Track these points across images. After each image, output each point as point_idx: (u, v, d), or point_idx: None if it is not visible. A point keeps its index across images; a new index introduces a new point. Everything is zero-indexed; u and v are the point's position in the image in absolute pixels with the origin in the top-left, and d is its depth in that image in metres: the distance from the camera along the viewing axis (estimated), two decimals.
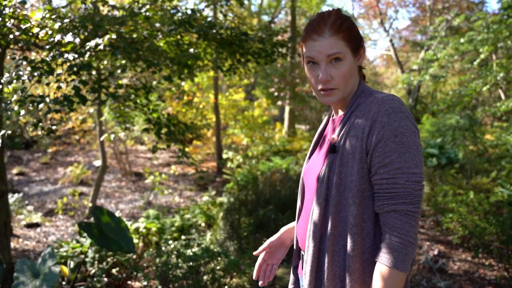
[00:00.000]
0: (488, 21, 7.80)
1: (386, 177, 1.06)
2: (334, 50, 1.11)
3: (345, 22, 1.14)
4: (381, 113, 1.07)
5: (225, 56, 3.50)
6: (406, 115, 1.07)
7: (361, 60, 1.19)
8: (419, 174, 1.06)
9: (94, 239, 2.10)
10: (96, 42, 2.26)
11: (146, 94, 2.92)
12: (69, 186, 8.57)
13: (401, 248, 1.02)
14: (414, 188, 1.05)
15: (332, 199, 1.11)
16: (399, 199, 1.05)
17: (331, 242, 1.11)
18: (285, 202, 4.80)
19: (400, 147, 1.05)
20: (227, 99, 11.20)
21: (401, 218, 1.04)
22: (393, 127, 1.05)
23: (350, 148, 1.10)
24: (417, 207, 1.05)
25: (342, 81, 1.15)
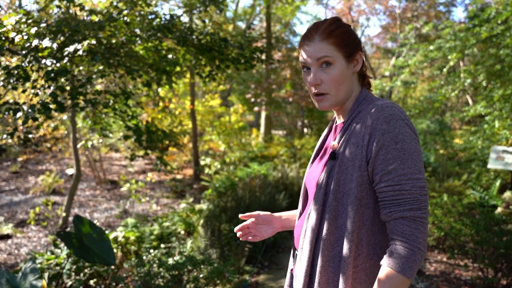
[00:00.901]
0: (455, 29, 8.10)
1: (391, 184, 1.05)
2: (323, 53, 1.13)
3: (339, 29, 1.16)
4: (380, 120, 1.07)
5: (204, 62, 3.48)
6: (405, 122, 1.08)
7: (358, 66, 1.19)
8: (422, 180, 1.06)
9: (73, 250, 2.02)
10: (75, 47, 2.20)
11: (125, 100, 2.86)
12: (41, 195, 8.28)
13: (410, 254, 1.01)
14: (420, 194, 1.05)
15: (329, 205, 1.12)
16: (406, 205, 1.04)
17: (327, 247, 1.11)
18: (265, 208, 4.80)
19: (402, 153, 1.05)
20: (203, 105, 11.14)
21: (409, 225, 1.03)
22: (394, 134, 1.06)
23: (350, 156, 1.11)
24: (424, 213, 1.04)
25: (332, 86, 1.16)
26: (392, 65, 14.94)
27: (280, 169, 6.75)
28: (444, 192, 6.16)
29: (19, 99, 6.40)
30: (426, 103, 9.10)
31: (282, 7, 13.73)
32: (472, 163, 8.17)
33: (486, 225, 3.51)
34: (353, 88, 1.21)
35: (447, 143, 10.03)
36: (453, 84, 8.22)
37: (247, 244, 3.91)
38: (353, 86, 1.21)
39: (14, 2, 5.73)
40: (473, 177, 7.39)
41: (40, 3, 3.43)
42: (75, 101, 2.36)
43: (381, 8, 19.41)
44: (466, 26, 7.77)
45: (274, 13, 14.31)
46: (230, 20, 15.55)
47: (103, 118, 3.27)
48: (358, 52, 1.18)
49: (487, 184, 6.97)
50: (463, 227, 3.70)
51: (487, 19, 6.94)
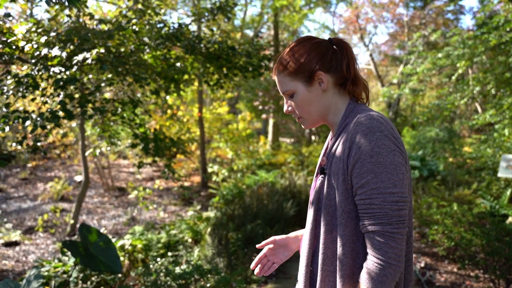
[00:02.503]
0: (464, 37, 8.06)
1: (363, 197, 1.06)
2: (283, 88, 1.22)
3: (291, 58, 1.19)
4: (358, 133, 1.08)
5: (212, 71, 3.50)
6: (384, 133, 1.07)
7: (324, 85, 1.19)
8: (397, 194, 1.04)
9: (79, 259, 2.02)
10: (84, 56, 2.22)
11: (133, 108, 2.88)
12: (49, 202, 8.33)
13: (379, 269, 1.01)
14: (391, 209, 1.03)
15: (323, 219, 1.13)
16: (376, 219, 1.04)
17: (324, 262, 1.12)
18: (273, 216, 4.77)
19: (376, 167, 1.05)
20: (211, 113, 11.18)
21: (378, 239, 1.03)
22: (369, 148, 1.05)
23: (335, 170, 1.12)
24: (395, 228, 1.03)
25: (301, 111, 1.22)
26: (400, 73, 14.88)
27: (287, 177, 6.73)
28: (454, 201, 6.07)
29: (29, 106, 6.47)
30: (434, 111, 9.03)
31: (289, 15, 13.80)
32: (482, 171, 8.07)
33: (497, 235, 3.45)
34: (330, 104, 1.21)
35: (456, 151, 9.93)
36: (462, 92, 8.16)
37: (255, 253, 3.88)
38: (331, 102, 1.21)
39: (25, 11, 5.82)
40: (483, 186, 7.28)
41: (51, 12, 3.48)
42: (83, 109, 2.37)
43: (388, 16, 19.40)
44: (475, 34, 7.73)
45: (282, 21, 14.38)
46: (238, 28, 15.65)
47: (111, 126, 3.28)
48: (317, 73, 1.18)
49: (498, 193, 6.86)
50: (473, 237, 3.64)
51: (496, 27, 6.90)
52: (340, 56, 1.20)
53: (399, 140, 1.09)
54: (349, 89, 1.21)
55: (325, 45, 1.20)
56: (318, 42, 1.20)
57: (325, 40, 1.22)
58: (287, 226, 4.95)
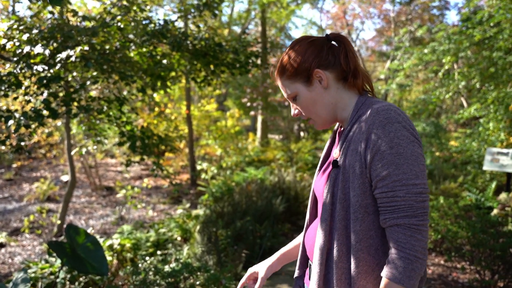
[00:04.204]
0: (449, 32, 8.16)
1: (385, 190, 1.03)
2: (286, 92, 1.21)
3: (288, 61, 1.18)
4: (375, 124, 1.05)
5: (199, 67, 3.47)
6: (403, 124, 1.05)
7: (324, 82, 1.17)
8: (420, 185, 1.02)
9: (65, 260, 1.99)
10: (67, 53, 2.18)
11: (119, 106, 2.84)
12: (35, 203, 8.21)
13: (407, 263, 0.98)
14: (416, 200, 1.01)
15: (337, 214, 1.10)
16: (400, 212, 1.01)
17: (340, 259, 1.09)
18: (262, 213, 4.78)
19: (397, 158, 1.02)
20: (199, 110, 11.12)
21: (404, 232, 1.00)
22: (389, 138, 1.03)
23: (350, 163, 1.09)
24: (421, 220, 1.01)
25: (308, 113, 1.21)
26: (387, 68, 15.01)
27: (276, 173, 6.74)
28: (441, 195, 6.16)
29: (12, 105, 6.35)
30: (420, 105, 9.13)
31: (277, 11, 13.78)
32: (467, 165, 8.20)
33: (482, 227, 3.51)
34: (336, 100, 1.19)
35: (443, 146, 10.06)
36: (447, 86, 8.26)
37: (244, 250, 3.88)
38: (336, 98, 1.19)
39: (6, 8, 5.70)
40: (469, 179, 7.41)
41: (34, 8, 3.41)
42: (68, 108, 2.33)
43: (375, 12, 19.53)
44: (460, 29, 7.82)
45: (269, 17, 14.36)
46: (225, 25, 15.58)
47: (97, 124, 3.24)
48: (314, 71, 1.16)
49: (483, 186, 6.98)
50: (459, 230, 3.69)
51: (480, 22, 7.00)
52: (337, 50, 1.18)
53: (416, 131, 1.07)
54: (351, 83, 1.18)
55: (320, 42, 1.18)
56: (312, 41, 1.18)
57: (320, 37, 1.20)
58: (277, 223, 4.97)
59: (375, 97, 1.20)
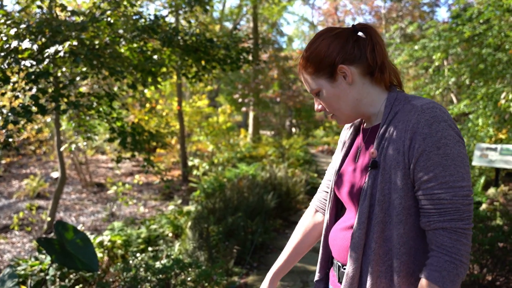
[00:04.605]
0: (439, 29, 8.23)
1: (430, 192, 0.98)
2: (309, 88, 1.16)
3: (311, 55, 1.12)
4: (421, 123, 0.99)
5: (190, 63, 3.45)
6: (449, 123, 1.00)
7: (349, 78, 1.09)
8: (466, 188, 0.98)
9: (55, 257, 1.97)
10: (56, 48, 2.15)
11: (109, 102, 2.81)
12: (25, 200, 8.12)
13: (452, 267, 0.95)
14: (462, 203, 0.97)
15: (376, 217, 1.05)
16: (447, 215, 0.97)
17: (376, 262, 1.05)
18: (253, 209, 4.79)
19: (444, 159, 0.97)
20: (190, 106, 11.08)
21: (450, 236, 0.97)
22: (436, 139, 0.98)
23: (392, 163, 1.03)
24: (467, 224, 0.97)
25: (331, 109, 1.15)
26: None
27: (268, 169, 6.75)
28: None
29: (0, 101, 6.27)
30: None
31: (268, 7, 13.75)
32: None
33: None
34: (361, 96, 1.13)
35: None
36: (437, 83, 8.33)
37: (236, 246, 3.89)
38: (362, 94, 1.13)
39: None
40: None
41: (22, 3, 3.36)
42: (57, 104, 2.31)
43: (366, 9, 19.60)
44: (450, 26, 7.89)
45: (261, 13, 14.33)
46: (216, 21, 15.51)
47: (87, 120, 3.21)
48: (338, 67, 1.09)
49: (472, 181, 7.07)
50: None
51: (470, 19, 7.06)
52: (363, 43, 1.10)
53: (459, 130, 1.02)
54: (377, 78, 1.11)
55: (345, 35, 1.10)
56: (337, 33, 1.11)
57: (346, 29, 1.13)
58: (268, 218, 4.98)
59: (406, 93, 1.13)
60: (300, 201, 6.34)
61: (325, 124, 17.86)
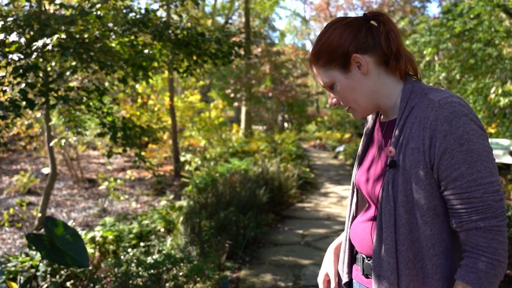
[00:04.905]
0: (430, 24, 8.27)
1: (458, 192, 0.94)
2: (322, 81, 1.11)
3: (322, 47, 1.07)
4: (440, 120, 0.94)
5: (181, 58, 3.43)
6: (470, 117, 0.94)
7: (364, 68, 1.05)
8: (496, 183, 0.93)
9: (44, 253, 1.95)
10: (44, 42, 2.12)
11: (99, 96, 2.79)
12: (15, 196, 8.04)
13: (490, 268, 0.91)
14: (494, 200, 0.92)
15: (400, 218, 1.00)
16: (479, 214, 0.93)
17: (407, 266, 1.00)
18: (246, 203, 4.79)
19: (469, 156, 0.92)
20: (182, 101, 11.03)
21: (485, 236, 0.92)
22: (457, 135, 0.93)
23: (412, 163, 0.98)
24: (501, 220, 0.93)
25: (346, 102, 1.11)
26: None
27: (260, 164, 6.76)
28: None
29: None
30: None
31: (260, 2, 13.71)
32: None
33: None
34: (377, 87, 1.08)
35: None
36: (428, 78, 8.39)
37: (228, 240, 3.90)
38: (377, 85, 1.07)
39: None
40: None
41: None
42: (46, 98, 2.28)
43: (358, 4, 19.62)
44: (440, 21, 7.93)
45: (253, 8, 14.27)
46: (208, 15, 15.41)
47: (77, 116, 3.18)
48: (352, 57, 1.04)
49: None
50: None
51: (460, 14, 7.11)
52: (377, 31, 1.05)
53: (481, 122, 0.97)
54: (393, 66, 1.05)
55: (357, 23, 1.06)
56: (348, 22, 1.06)
57: (357, 17, 1.08)
58: (260, 213, 5.00)
59: (423, 83, 1.08)
60: (292, 196, 6.36)
61: (317, 119, 17.91)
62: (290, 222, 5.36)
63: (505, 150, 6.23)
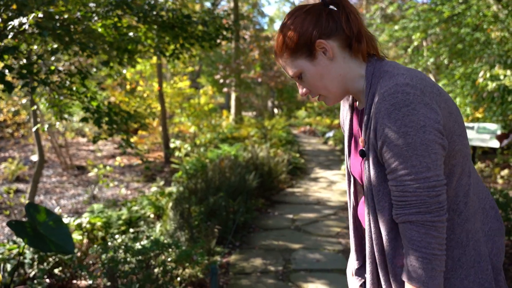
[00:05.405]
0: (419, 9, 8.24)
1: (395, 184, 0.95)
2: (289, 72, 1.10)
3: (285, 37, 1.06)
4: (382, 112, 0.95)
5: (167, 41, 3.36)
6: (412, 107, 0.92)
7: (329, 53, 1.05)
8: (432, 178, 0.92)
9: (27, 240, 1.91)
10: (20, 21, 2.05)
11: (82, 80, 2.72)
12: (3, 183, 7.94)
13: (426, 263, 0.92)
14: (429, 195, 0.92)
15: (369, 206, 1.05)
16: (412, 208, 0.93)
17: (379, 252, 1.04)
18: (235, 189, 4.79)
19: (405, 150, 0.92)
20: (172, 87, 10.91)
21: (418, 230, 0.92)
22: (395, 128, 0.93)
23: (373, 153, 1.01)
24: (436, 216, 0.92)
25: (316, 89, 1.10)
26: None
27: (250, 149, 6.74)
28: None
29: None
30: None
31: None
32: None
33: None
34: (345, 71, 1.08)
35: None
36: (417, 63, 8.40)
37: (217, 226, 3.90)
38: (344, 69, 1.08)
39: None
40: None
41: None
42: (25, 81, 2.21)
43: None
44: (429, 6, 7.90)
45: None
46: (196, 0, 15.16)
47: (61, 100, 3.11)
48: (316, 42, 1.04)
49: None
50: None
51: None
52: (337, 14, 1.06)
53: (434, 104, 0.94)
54: (355, 48, 1.05)
55: (317, 9, 1.06)
56: (308, 9, 1.06)
57: (316, 4, 1.08)
58: (250, 198, 5.00)
59: (385, 62, 1.07)
60: (282, 181, 6.38)
61: (307, 105, 17.90)
62: (280, 207, 5.38)
63: (492, 134, 6.29)
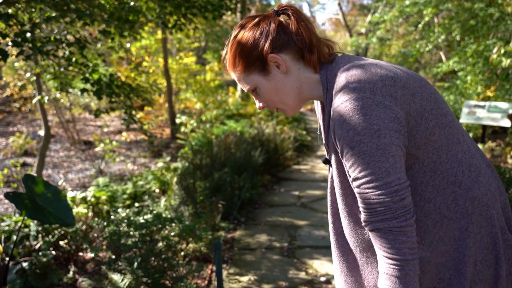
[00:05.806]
0: None
1: (358, 192, 0.93)
2: (243, 86, 1.07)
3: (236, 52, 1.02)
4: (336, 123, 0.93)
5: (169, 11, 3.26)
6: (363, 112, 0.88)
7: (283, 66, 1.01)
8: (394, 183, 0.89)
9: (25, 212, 1.90)
10: None
11: (80, 50, 2.65)
12: (12, 157, 8.03)
13: (399, 270, 0.90)
14: (392, 201, 0.89)
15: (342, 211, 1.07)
16: (378, 215, 0.90)
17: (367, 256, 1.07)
18: (241, 165, 4.76)
19: (361, 158, 0.90)
20: (177, 63, 10.79)
21: (386, 237, 0.91)
22: (348, 139, 0.90)
23: (336, 159, 1.01)
24: (403, 221, 0.89)
25: (273, 104, 1.08)
26: (368, 22, 14.71)
27: (256, 126, 6.69)
28: None
29: None
30: (400, 58, 9.03)
31: None
32: None
33: None
34: (301, 82, 1.04)
35: None
36: (427, 39, 8.17)
37: (222, 201, 3.89)
38: (300, 80, 1.04)
39: None
40: None
41: None
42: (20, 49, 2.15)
43: None
44: None
45: None
46: None
47: (61, 72, 3.06)
48: (268, 57, 1.00)
49: None
50: None
51: None
52: (287, 26, 1.01)
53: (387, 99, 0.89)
54: (307, 59, 1.01)
55: (267, 21, 1.01)
56: (258, 22, 1.01)
57: (267, 15, 1.03)
58: (256, 174, 4.98)
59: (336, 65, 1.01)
60: (288, 158, 6.34)
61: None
62: (286, 183, 5.36)
63: (504, 113, 6.14)
